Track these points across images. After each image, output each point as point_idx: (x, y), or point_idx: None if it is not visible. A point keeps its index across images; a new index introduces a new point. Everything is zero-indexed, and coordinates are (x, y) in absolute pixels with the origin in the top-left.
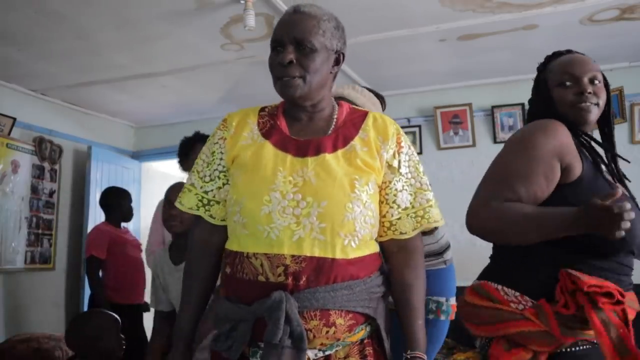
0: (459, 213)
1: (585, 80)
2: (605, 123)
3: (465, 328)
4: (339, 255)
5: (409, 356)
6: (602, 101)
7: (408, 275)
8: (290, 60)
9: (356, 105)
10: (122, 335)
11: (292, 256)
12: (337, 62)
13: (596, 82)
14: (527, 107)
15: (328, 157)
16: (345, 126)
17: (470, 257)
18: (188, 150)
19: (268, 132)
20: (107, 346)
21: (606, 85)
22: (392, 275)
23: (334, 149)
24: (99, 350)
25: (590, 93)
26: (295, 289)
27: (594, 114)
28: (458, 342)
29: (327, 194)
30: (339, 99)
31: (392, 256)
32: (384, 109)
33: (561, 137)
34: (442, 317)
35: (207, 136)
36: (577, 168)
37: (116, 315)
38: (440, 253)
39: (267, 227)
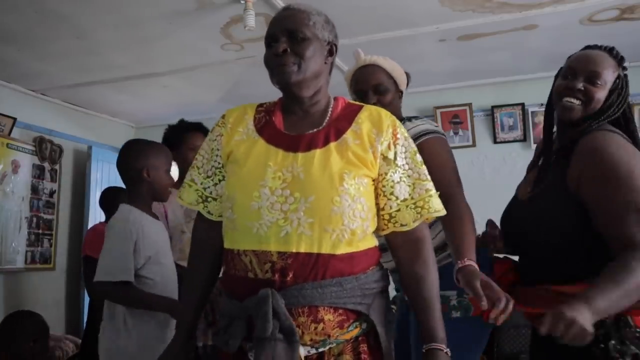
0: None
1: (579, 76)
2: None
3: None
4: (325, 250)
5: (424, 349)
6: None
7: (417, 268)
8: (284, 49)
9: (386, 70)
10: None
11: (279, 252)
12: (331, 53)
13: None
14: (527, 106)
15: (319, 152)
16: (339, 120)
17: None
18: (178, 142)
19: (262, 128)
20: (21, 349)
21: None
22: (401, 269)
23: (326, 142)
24: (14, 352)
25: (577, 90)
26: (283, 286)
27: (576, 111)
28: None
29: (315, 188)
30: (370, 65)
31: (398, 249)
32: (408, 82)
33: None
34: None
35: (191, 124)
36: None
37: (39, 318)
38: (441, 247)
39: (257, 223)
